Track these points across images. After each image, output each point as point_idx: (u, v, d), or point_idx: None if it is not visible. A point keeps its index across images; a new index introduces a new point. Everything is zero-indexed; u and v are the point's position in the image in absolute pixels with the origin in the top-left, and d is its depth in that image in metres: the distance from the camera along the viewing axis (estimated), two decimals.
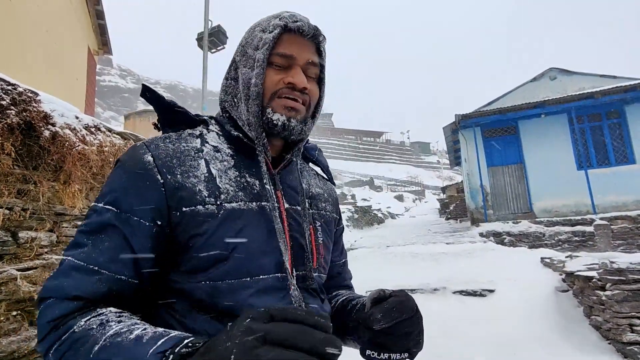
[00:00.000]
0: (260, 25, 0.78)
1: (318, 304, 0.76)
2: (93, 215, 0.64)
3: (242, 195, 0.70)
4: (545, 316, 4.38)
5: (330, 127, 68.62)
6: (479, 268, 5.82)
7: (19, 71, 4.74)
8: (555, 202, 9.92)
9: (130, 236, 0.63)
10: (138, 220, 0.63)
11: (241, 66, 0.77)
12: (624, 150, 9.76)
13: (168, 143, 0.72)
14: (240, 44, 0.81)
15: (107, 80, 62.90)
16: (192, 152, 0.72)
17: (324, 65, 0.80)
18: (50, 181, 2.45)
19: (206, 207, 0.66)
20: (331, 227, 0.90)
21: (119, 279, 0.61)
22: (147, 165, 0.66)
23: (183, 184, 0.67)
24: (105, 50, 9.89)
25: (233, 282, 0.65)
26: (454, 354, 3.90)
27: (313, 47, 0.78)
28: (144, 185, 0.65)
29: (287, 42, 0.74)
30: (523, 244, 8.63)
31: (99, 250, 0.61)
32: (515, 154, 10.76)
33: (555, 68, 12.04)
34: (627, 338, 3.41)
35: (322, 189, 0.93)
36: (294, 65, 0.75)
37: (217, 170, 0.71)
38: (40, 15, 5.71)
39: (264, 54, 0.72)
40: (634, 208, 8.95)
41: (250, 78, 0.73)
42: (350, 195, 24.69)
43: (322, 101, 0.82)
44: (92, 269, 0.60)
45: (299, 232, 0.76)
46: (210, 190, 0.68)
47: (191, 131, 0.78)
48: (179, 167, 0.68)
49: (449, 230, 11.67)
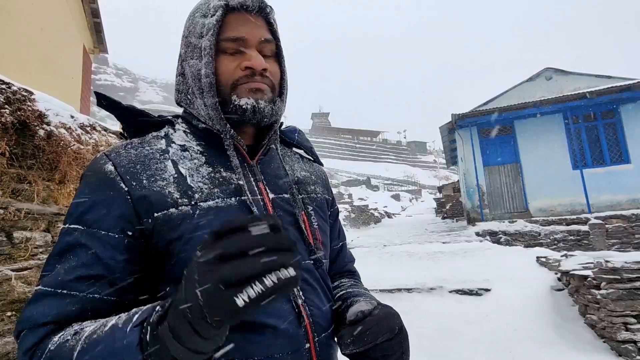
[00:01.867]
0: (200, 9, 0.72)
1: (318, 294, 0.71)
2: (60, 238, 0.60)
3: (218, 192, 0.66)
4: (540, 315, 4.40)
5: (327, 127, 68.60)
6: (475, 267, 5.84)
7: (13, 70, 4.71)
8: (550, 202, 9.98)
9: (99, 251, 0.58)
10: (106, 234, 0.59)
11: (187, 58, 0.72)
12: (619, 150, 9.82)
13: (129, 149, 0.67)
14: (183, 35, 0.75)
15: (103, 79, 62.57)
16: (157, 155, 0.67)
17: (279, 38, 0.75)
18: (45, 181, 2.43)
19: (179, 208, 0.62)
20: (324, 209, 0.85)
21: (92, 297, 0.57)
22: (108, 175, 0.62)
23: (150, 188, 0.62)
24: (101, 48, 9.83)
25: None
26: (450, 353, 3.91)
27: (262, 21, 0.72)
28: (108, 196, 0.61)
29: (233, 24, 0.69)
30: (519, 243, 8.68)
31: (65, 271, 0.57)
32: (511, 153, 10.81)
33: (551, 68, 12.11)
34: (622, 336, 3.43)
35: (309, 172, 0.87)
36: (248, 47, 0.69)
37: (187, 169, 0.67)
38: (34, 14, 5.67)
39: (210, 40, 0.67)
40: (628, 207, 9.02)
41: (200, 69, 0.68)
42: (347, 195, 24.71)
43: (286, 77, 0.78)
44: (60, 292, 0.56)
45: (290, 221, 0.72)
46: (182, 191, 0.64)
47: (155, 133, 0.73)
48: (143, 173, 0.64)
49: (446, 229, 11.71)
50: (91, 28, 9.02)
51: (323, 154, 57.16)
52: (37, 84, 3.78)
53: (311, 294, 0.70)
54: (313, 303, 0.69)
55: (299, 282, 0.57)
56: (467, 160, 11.07)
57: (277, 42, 0.74)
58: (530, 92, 11.72)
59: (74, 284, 0.56)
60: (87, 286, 0.57)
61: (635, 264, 3.54)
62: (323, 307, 0.71)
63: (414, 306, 4.98)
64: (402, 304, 5.10)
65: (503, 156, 10.88)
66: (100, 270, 0.58)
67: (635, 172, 9.40)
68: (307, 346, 0.65)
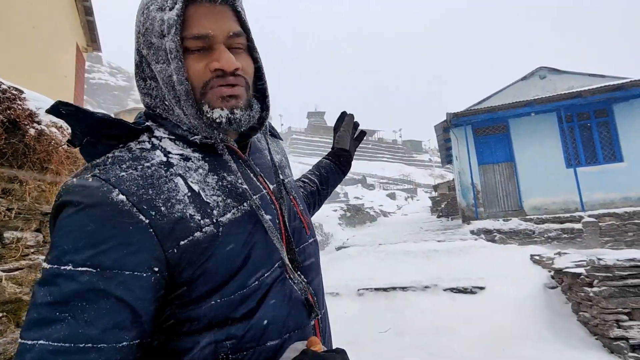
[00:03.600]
0: (154, 1, 0.62)
1: (315, 271, 0.75)
2: (59, 281, 0.50)
3: (231, 202, 0.63)
4: (534, 312, 4.44)
5: (322, 126, 68.58)
6: (470, 265, 5.87)
7: (4, 68, 4.66)
8: (544, 200, 10.05)
9: (124, 295, 0.51)
10: (131, 274, 0.52)
11: (153, 62, 0.64)
12: (612, 149, 9.90)
13: (127, 169, 0.58)
14: (139, 31, 0.65)
15: (97, 78, 62.03)
16: (162, 172, 0.60)
17: (249, 29, 0.67)
18: (37, 180, 2.41)
19: (204, 230, 0.58)
20: (298, 189, 0.87)
21: (120, 347, 0.50)
22: (122, 207, 0.53)
23: (171, 215, 0.56)
24: (94, 47, 9.76)
25: (244, 291, 0.60)
26: (444, 350, 3.93)
27: (229, 11, 0.64)
28: (127, 231, 0.53)
29: (196, 18, 0.61)
30: (513, 241, 8.73)
31: (86, 322, 0.49)
32: (506, 152, 10.86)
33: (545, 67, 12.17)
34: (614, 333, 3.46)
35: (280, 153, 0.87)
36: (215, 45, 0.62)
37: (198, 184, 0.62)
38: (26, 11, 5.61)
39: (175, 41, 0.59)
40: (621, 205, 9.10)
41: (171, 75, 0.61)
42: (342, 194, 24.72)
43: (263, 70, 0.71)
44: (83, 347, 0.48)
45: (289, 209, 0.74)
46: (202, 212, 0.59)
47: (139, 145, 0.63)
48: (158, 198, 0.57)
49: (441, 227, 11.76)
50: (84, 26, 8.95)
51: (319, 153, 57.16)
52: (28, 83, 3.74)
53: (312, 272, 0.74)
54: (314, 282, 0.74)
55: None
56: (462, 159, 11.11)
57: (248, 34, 0.67)
58: (524, 91, 11.78)
59: (102, 336, 0.49)
60: (116, 336, 0.50)
61: (627, 262, 3.57)
62: (321, 284, 0.77)
63: (409, 304, 5.00)
64: (397, 302, 5.12)
65: (498, 155, 10.93)
66: (128, 315, 0.51)
67: (628, 171, 9.48)
68: (312, 323, 0.69)
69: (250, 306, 0.61)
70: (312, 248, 0.78)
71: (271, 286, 0.64)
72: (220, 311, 0.59)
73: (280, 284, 0.65)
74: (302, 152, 55.66)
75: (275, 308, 0.63)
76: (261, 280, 0.62)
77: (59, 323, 0.48)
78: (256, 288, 0.62)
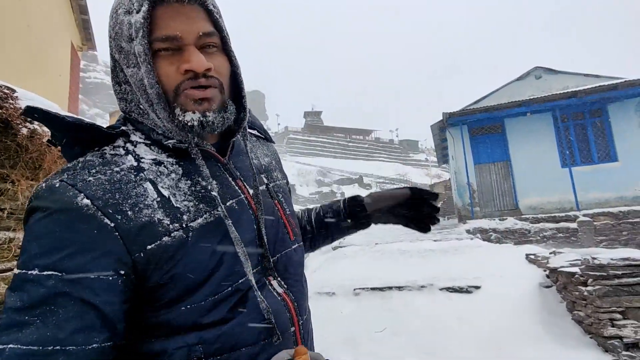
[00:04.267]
0: (122, 4, 0.61)
1: (298, 279, 0.74)
2: (27, 287, 0.50)
3: (204, 207, 0.62)
4: (529, 311, 4.45)
5: (319, 125, 68.58)
6: (466, 265, 5.88)
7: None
8: (540, 199, 10.10)
9: (90, 298, 0.51)
10: (96, 277, 0.52)
11: (124, 66, 0.63)
12: (607, 148, 9.97)
13: (96, 174, 0.57)
14: (110, 36, 0.64)
15: (93, 77, 61.73)
16: (132, 177, 0.59)
17: (222, 28, 0.65)
18: (29, 180, 2.39)
19: (172, 235, 0.57)
20: (288, 193, 0.84)
21: (90, 349, 0.50)
22: (86, 211, 0.53)
23: (138, 220, 0.56)
24: (90, 45, 9.71)
25: (216, 297, 0.59)
26: (440, 349, 3.94)
27: (199, 10, 0.62)
28: (92, 234, 0.53)
29: (164, 19, 0.59)
30: (509, 240, 8.77)
31: (54, 325, 0.49)
32: (502, 151, 10.90)
33: (541, 67, 12.24)
34: (608, 332, 3.48)
35: (269, 156, 0.85)
36: (185, 46, 0.60)
37: (169, 189, 0.61)
38: (20, 10, 5.57)
39: (143, 44, 0.58)
40: (616, 205, 9.16)
41: (142, 79, 0.60)
42: (339, 193, 24.74)
43: (239, 71, 0.69)
44: (52, 350, 0.48)
45: (270, 213, 0.72)
46: (171, 217, 0.58)
47: (113, 151, 0.62)
48: (125, 202, 0.56)
49: (437, 227, 11.77)
50: (79, 25, 8.91)
51: (316, 153, 57.16)
52: (22, 82, 3.71)
53: (293, 279, 0.72)
54: (295, 287, 0.71)
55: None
56: (458, 159, 11.15)
57: (221, 33, 0.65)
58: (520, 91, 11.84)
59: (70, 338, 0.49)
60: (83, 338, 0.50)
61: (621, 261, 3.59)
62: (302, 287, 0.74)
63: (405, 304, 5.00)
64: (393, 302, 5.12)
65: (493, 154, 10.98)
66: (96, 318, 0.51)
67: (623, 170, 9.55)
68: (293, 329, 0.68)
69: (222, 312, 0.59)
70: (296, 254, 0.76)
71: (247, 292, 0.62)
72: (191, 317, 0.58)
73: (257, 290, 0.64)
74: (299, 151, 55.61)
75: (251, 314, 0.62)
76: (235, 287, 0.61)
77: (28, 327, 0.48)
78: (229, 294, 0.60)
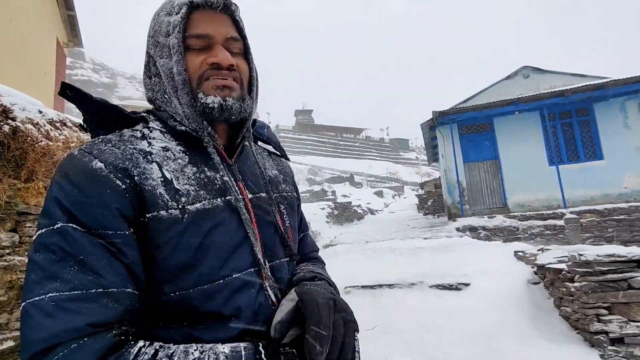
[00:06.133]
0: (164, 8, 0.72)
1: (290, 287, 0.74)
2: (56, 239, 0.53)
3: (204, 194, 0.65)
4: (517, 308, 4.51)
5: (310, 124, 68.49)
6: (455, 262, 5.93)
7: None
8: (528, 197, 10.23)
9: (114, 249, 0.55)
10: (115, 233, 0.56)
11: (157, 58, 0.71)
12: (593, 147, 10.13)
13: (112, 147, 0.63)
14: (149, 35, 0.74)
15: (80, 74, 60.69)
16: (141, 156, 0.64)
17: (246, 37, 0.75)
18: (12, 179, 2.33)
19: (169, 212, 0.60)
20: (294, 207, 0.87)
21: (128, 293, 0.54)
22: (99, 172, 0.58)
23: (143, 187, 0.60)
24: (76, 42, 9.54)
25: (205, 287, 0.60)
26: (430, 346, 3.96)
27: (228, 19, 0.72)
28: (105, 193, 0.57)
29: (198, 21, 0.69)
30: (498, 238, 8.86)
31: (91, 271, 0.52)
32: (491, 150, 11.01)
33: (528, 66, 12.37)
34: (594, 328, 3.54)
35: (278, 170, 0.89)
36: (214, 44, 0.69)
37: (173, 172, 0.65)
38: (3, 4, 5.44)
39: (177, 37, 0.67)
40: (601, 202, 9.32)
41: (172, 67, 0.68)
42: (330, 192, 24.73)
43: (256, 76, 0.77)
44: (95, 292, 0.51)
45: (267, 221, 0.73)
46: (170, 194, 0.62)
47: (131, 132, 0.69)
48: (134, 170, 0.61)
49: (427, 225, 11.86)
50: (65, 21, 8.73)
51: (307, 151, 57.08)
52: (5, 79, 3.62)
53: (285, 290, 0.72)
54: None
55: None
56: (447, 157, 11.23)
57: (245, 40, 0.74)
58: (508, 89, 11.95)
59: (108, 282, 0.53)
60: (120, 282, 0.54)
61: (606, 257, 3.65)
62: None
63: (396, 301, 5.02)
64: (384, 299, 5.14)
65: (483, 153, 11.08)
66: (123, 267, 0.55)
67: (608, 168, 9.71)
68: None
69: (214, 306, 0.61)
70: (288, 265, 0.77)
71: (239, 289, 0.63)
72: (180, 306, 0.60)
73: (252, 289, 0.65)
74: (290, 150, 55.48)
75: (243, 314, 0.63)
76: (229, 280, 0.63)
77: (65, 275, 0.51)
78: (220, 287, 0.62)
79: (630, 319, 3.46)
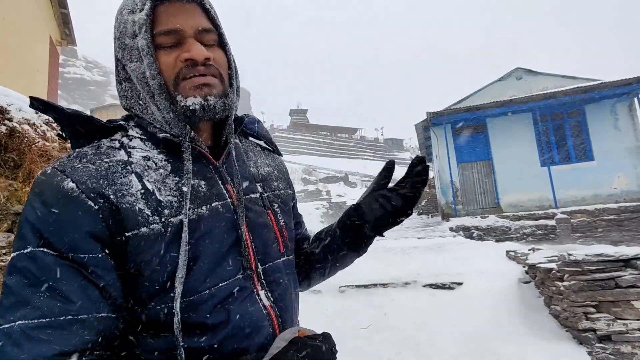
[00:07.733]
0: (126, 6, 0.66)
1: (287, 293, 0.72)
2: (27, 263, 0.52)
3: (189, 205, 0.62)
4: (509, 306, 4.58)
5: (305, 123, 68.47)
6: (449, 262, 5.99)
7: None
8: (520, 197, 10.35)
9: (86, 273, 0.53)
10: (87, 256, 0.54)
11: (127, 62, 0.66)
12: (584, 148, 10.28)
13: (86, 163, 0.59)
14: (114, 37, 0.68)
15: (72, 72, 60.10)
16: (119, 168, 0.60)
17: (219, 25, 0.69)
18: (8, 179, 2.34)
19: (151, 227, 0.58)
20: (289, 204, 0.84)
21: (101, 317, 0.53)
22: (71, 193, 0.55)
23: (120, 205, 0.57)
24: (69, 40, 9.47)
25: (191, 299, 0.58)
26: (423, 345, 4.02)
27: (197, 9, 0.66)
28: (77, 215, 0.54)
29: (165, 15, 0.63)
30: (490, 237, 8.95)
31: (62, 297, 0.51)
32: (484, 150, 11.12)
33: (521, 68, 12.49)
34: (583, 326, 3.61)
35: (271, 166, 0.84)
36: (185, 39, 0.64)
37: (154, 183, 0.62)
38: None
39: (146, 38, 0.62)
40: (592, 202, 9.47)
41: (144, 72, 0.63)
42: (325, 192, 24.77)
43: (234, 66, 0.72)
44: (64, 320, 0.50)
45: (259, 223, 0.71)
46: (152, 208, 0.59)
47: (109, 143, 0.65)
48: (109, 188, 0.57)
49: (421, 225, 11.94)
50: (58, 18, 8.67)
51: (302, 151, 57.05)
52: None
53: (280, 292, 0.71)
54: (282, 301, 0.70)
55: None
56: (441, 158, 11.32)
57: (218, 29, 0.69)
58: (501, 91, 12.06)
59: (79, 308, 0.51)
60: (92, 308, 0.52)
61: (595, 257, 3.73)
62: (290, 303, 0.73)
63: (390, 301, 5.07)
64: (378, 298, 5.18)
65: (476, 153, 11.18)
66: (96, 291, 0.53)
67: (598, 169, 9.86)
68: None
69: (199, 317, 0.59)
70: (285, 265, 0.75)
71: (225, 299, 0.62)
72: (166, 317, 0.58)
73: (241, 297, 0.64)
74: (284, 149, 55.36)
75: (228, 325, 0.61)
76: (215, 290, 0.61)
77: (35, 302, 0.50)
78: (206, 298, 0.60)
79: (618, 317, 3.55)
